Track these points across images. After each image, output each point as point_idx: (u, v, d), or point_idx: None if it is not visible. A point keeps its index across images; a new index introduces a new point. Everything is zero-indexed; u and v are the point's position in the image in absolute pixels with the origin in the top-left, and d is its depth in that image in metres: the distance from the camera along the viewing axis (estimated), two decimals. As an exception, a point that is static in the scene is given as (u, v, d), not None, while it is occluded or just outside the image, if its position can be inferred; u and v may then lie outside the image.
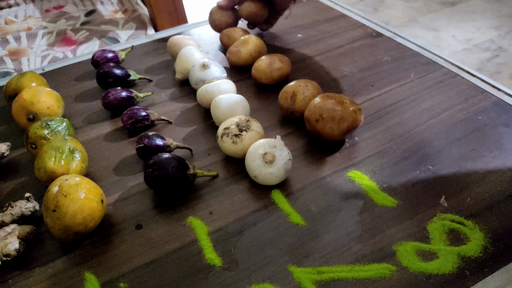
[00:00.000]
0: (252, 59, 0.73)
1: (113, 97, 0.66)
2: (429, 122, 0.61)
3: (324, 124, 0.55)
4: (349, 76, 0.72)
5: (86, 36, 1.09)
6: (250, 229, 0.49)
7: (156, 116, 0.64)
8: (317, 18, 0.90)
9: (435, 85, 0.68)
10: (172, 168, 0.51)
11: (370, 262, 0.44)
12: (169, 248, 0.48)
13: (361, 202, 0.50)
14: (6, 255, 0.46)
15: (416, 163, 0.55)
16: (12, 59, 1.02)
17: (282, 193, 0.53)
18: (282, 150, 0.52)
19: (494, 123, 0.59)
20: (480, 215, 0.48)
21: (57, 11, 1.23)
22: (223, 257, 0.46)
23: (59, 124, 0.58)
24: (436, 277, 0.42)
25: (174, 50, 0.76)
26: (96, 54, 0.76)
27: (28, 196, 0.52)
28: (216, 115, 0.60)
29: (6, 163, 0.62)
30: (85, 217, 0.46)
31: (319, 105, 0.55)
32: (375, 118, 0.62)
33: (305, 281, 0.43)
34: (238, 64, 0.74)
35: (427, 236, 0.46)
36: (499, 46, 1.68)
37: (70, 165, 0.52)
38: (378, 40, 0.80)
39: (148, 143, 0.56)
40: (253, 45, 0.73)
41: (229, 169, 0.57)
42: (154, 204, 0.53)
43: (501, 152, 0.55)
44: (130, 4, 1.25)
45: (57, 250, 0.49)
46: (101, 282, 0.45)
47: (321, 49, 0.80)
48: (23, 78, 0.68)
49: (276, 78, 0.68)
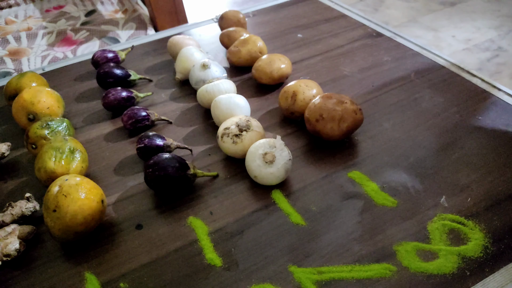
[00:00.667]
0: (252, 59, 0.73)
1: (113, 97, 0.66)
2: (429, 122, 0.61)
3: (324, 124, 0.55)
4: (349, 76, 0.72)
5: (86, 36, 1.09)
6: (250, 229, 0.49)
7: (156, 116, 0.64)
8: (317, 18, 0.90)
9: (435, 85, 0.68)
10: (172, 168, 0.51)
11: (371, 262, 0.44)
12: (169, 248, 0.48)
13: (362, 202, 0.50)
14: (6, 255, 0.46)
15: (416, 163, 0.55)
16: (12, 59, 1.02)
17: (282, 193, 0.53)
18: (282, 150, 0.52)
19: (494, 123, 0.59)
20: (481, 215, 0.48)
21: (57, 11, 1.23)
22: (223, 257, 0.46)
23: (59, 124, 0.58)
24: (436, 277, 0.42)
25: (174, 50, 0.76)
26: (96, 54, 0.76)
27: (28, 196, 0.52)
28: (216, 115, 0.60)
29: (6, 163, 0.62)
30: (85, 217, 0.46)
31: (319, 105, 0.55)
32: (375, 118, 0.62)
33: (305, 281, 0.43)
34: (238, 64, 0.74)
35: (427, 236, 0.46)
36: (499, 46, 1.68)
37: (70, 165, 0.52)
38: (378, 40, 0.80)
39: (148, 143, 0.56)
40: (253, 45, 0.73)
41: (229, 169, 0.57)
42: (154, 204, 0.53)
43: (501, 152, 0.55)
44: (130, 4, 1.25)
45: (57, 250, 0.49)
46: (101, 282, 0.45)
47: (321, 49, 0.80)
48: (23, 78, 0.68)
49: (276, 78, 0.68)
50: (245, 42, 0.73)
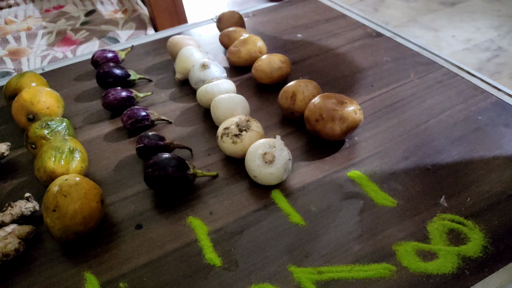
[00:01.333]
0: (252, 59, 0.73)
1: (113, 97, 0.66)
2: (429, 122, 0.61)
3: (324, 124, 0.55)
4: (349, 76, 0.72)
5: (86, 36, 1.09)
6: (250, 229, 0.49)
7: (156, 116, 0.64)
8: (317, 18, 0.90)
9: (435, 85, 0.68)
10: (172, 168, 0.51)
11: (370, 262, 0.44)
12: (169, 248, 0.48)
13: (361, 202, 0.50)
14: (6, 255, 0.46)
15: (416, 163, 0.55)
16: (12, 59, 1.02)
17: (282, 193, 0.52)
18: (282, 150, 0.52)
19: (494, 123, 0.59)
20: (480, 215, 0.48)
21: (57, 11, 1.23)
22: (223, 257, 0.46)
23: (59, 124, 0.58)
24: (436, 277, 0.42)
25: (174, 50, 0.76)
26: (96, 54, 0.76)
27: (28, 196, 0.52)
28: (216, 115, 0.60)
29: (6, 163, 0.62)
30: (85, 217, 0.46)
31: (319, 105, 0.55)
32: (375, 118, 0.62)
33: (305, 281, 0.43)
34: (238, 64, 0.74)
35: (427, 236, 0.46)
36: (499, 46, 1.68)
37: (70, 165, 0.52)
38: (378, 40, 0.80)
39: (148, 143, 0.56)
40: (253, 45, 0.73)
41: (229, 169, 0.57)
42: (154, 204, 0.53)
43: (501, 152, 0.55)
44: (130, 4, 1.25)
45: (57, 250, 0.49)
46: (101, 282, 0.45)
47: (321, 49, 0.80)
48: (23, 78, 0.68)
49: (276, 78, 0.68)
50: (245, 42, 0.73)
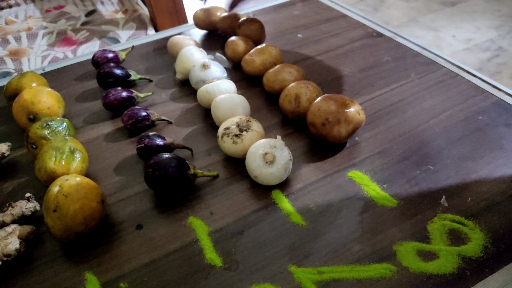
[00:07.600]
0: (265, 69, 0.70)
1: (113, 97, 0.66)
2: (429, 122, 0.61)
3: (331, 128, 0.55)
4: (349, 76, 0.72)
5: (87, 36, 1.09)
6: (250, 229, 0.49)
7: (157, 116, 0.64)
8: (317, 18, 0.90)
9: (435, 85, 0.68)
10: (172, 168, 0.51)
11: (371, 262, 0.44)
12: (169, 248, 0.48)
13: (362, 202, 0.50)
14: (6, 255, 0.46)
15: (416, 163, 0.55)
16: (12, 59, 1.02)
17: (283, 193, 0.53)
18: (282, 150, 0.52)
19: (495, 123, 0.59)
20: (481, 215, 0.48)
21: (58, 11, 1.23)
22: (224, 257, 0.46)
23: (59, 124, 0.58)
24: (436, 277, 0.42)
25: (175, 50, 0.76)
26: (96, 54, 0.76)
27: (28, 196, 0.52)
28: (217, 115, 0.60)
29: (6, 163, 0.62)
30: (85, 217, 0.46)
31: (324, 109, 0.55)
32: (375, 118, 0.62)
33: (305, 281, 0.43)
34: (251, 73, 0.71)
35: (427, 236, 0.46)
36: (499, 46, 1.68)
37: (70, 165, 0.52)
38: (378, 40, 0.80)
39: (148, 143, 0.56)
40: (268, 55, 0.70)
41: (229, 169, 0.57)
42: (155, 204, 0.53)
43: (502, 152, 0.55)
44: (130, 4, 1.25)
45: (58, 250, 0.49)
46: (102, 282, 0.45)
47: (321, 49, 0.80)
48: (24, 78, 0.68)
49: (277, 89, 0.66)
50: (261, 51, 0.70)
